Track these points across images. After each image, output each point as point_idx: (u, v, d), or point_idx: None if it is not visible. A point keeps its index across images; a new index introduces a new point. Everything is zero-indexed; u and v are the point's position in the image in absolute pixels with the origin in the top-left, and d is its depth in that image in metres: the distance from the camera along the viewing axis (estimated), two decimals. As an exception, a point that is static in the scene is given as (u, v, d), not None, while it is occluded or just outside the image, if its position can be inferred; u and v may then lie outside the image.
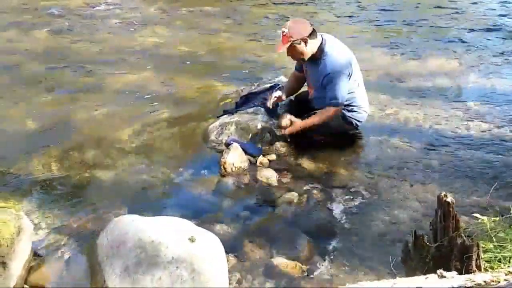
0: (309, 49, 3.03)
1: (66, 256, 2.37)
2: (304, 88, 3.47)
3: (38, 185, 2.98)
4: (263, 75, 4.46)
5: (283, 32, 2.98)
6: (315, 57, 3.07)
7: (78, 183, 3.01)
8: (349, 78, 3.07)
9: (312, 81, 3.26)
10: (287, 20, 3.13)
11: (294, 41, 2.96)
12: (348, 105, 3.20)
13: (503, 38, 5.32)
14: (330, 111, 3.13)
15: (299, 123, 3.20)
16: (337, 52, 3.07)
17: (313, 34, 3.01)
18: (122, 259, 2.01)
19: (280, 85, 3.63)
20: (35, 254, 2.35)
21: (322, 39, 3.07)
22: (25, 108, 3.99)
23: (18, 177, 3.05)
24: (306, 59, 3.09)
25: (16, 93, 4.30)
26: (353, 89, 3.16)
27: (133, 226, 2.15)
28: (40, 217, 2.64)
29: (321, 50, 3.05)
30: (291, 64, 3.50)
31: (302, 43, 2.98)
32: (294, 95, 3.55)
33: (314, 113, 3.20)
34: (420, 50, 5.12)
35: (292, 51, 3.05)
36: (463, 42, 5.28)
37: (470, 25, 5.80)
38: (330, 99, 3.09)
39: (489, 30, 5.58)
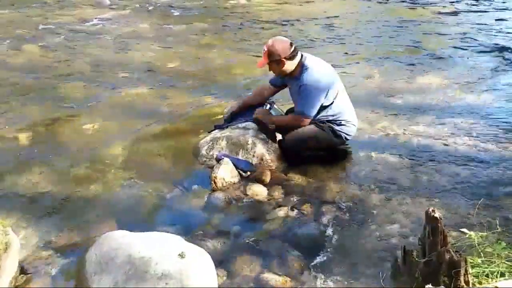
0: (288, 67, 3.16)
1: (53, 273, 2.34)
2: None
3: (26, 200, 2.95)
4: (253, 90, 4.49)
5: (264, 49, 3.16)
6: (295, 72, 3.18)
7: (67, 198, 2.98)
8: (326, 95, 3.15)
9: (293, 96, 3.35)
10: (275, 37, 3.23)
11: (272, 60, 3.13)
12: (336, 119, 3.27)
13: (490, 56, 5.44)
14: (299, 120, 3.26)
15: (273, 117, 3.37)
16: (317, 67, 3.19)
17: (293, 53, 3.13)
18: (111, 275, 1.99)
19: (272, 100, 3.66)
20: (22, 271, 2.32)
21: (302, 56, 3.20)
22: (14, 122, 3.97)
23: (6, 192, 3.03)
24: (285, 75, 3.24)
25: (6, 107, 4.28)
26: (337, 104, 3.25)
27: (122, 241, 2.14)
28: (28, 233, 2.61)
29: (301, 65, 3.17)
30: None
31: (281, 63, 3.13)
32: (286, 110, 3.59)
33: (288, 115, 3.43)
34: (409, 67, 5.22)
35: (272, 68, 3.22)
36: (452, 59, 5.39)
37: (458, 43, 5.92)
38: (299, 110, 3.24)
39: (477, 48, 5.70)
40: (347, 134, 3.33)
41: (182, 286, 1.93)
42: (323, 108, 3.23)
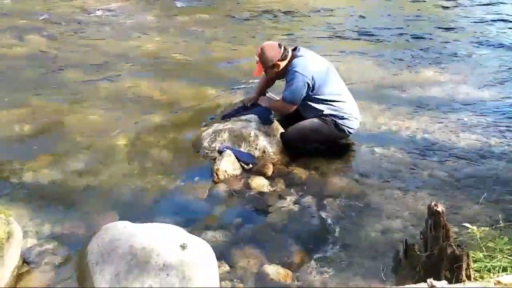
0: (281, 68, 3.24)
1: (55, 262, 2.35)
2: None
3: (29, 190, 2.95)
4: (256, 83, 4.47)
5: (256, 60, 3.24)
6: (288, 65, 3.23)
7: (69, 189, 2.99)
8: (314, 86, 3.18)
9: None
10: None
11: (267, 67, 3.22)
12: (338, 113, 3.26)
13: (494, 51, 5.40)
14: (281, 106, 3.35)
15: (268, 101, 3.48)
16: (308, 57, 3.26)
17: (284, 53, 3.21)
18: (112, 265, 2.00)
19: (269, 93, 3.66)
20: (25, 260, 2.32)
21: (296, 48, 3.28)
22: (17, 113, 3.97)
23: (8, 182, 3.03)
24: (280, 74, 3.30)
25: (8, 97, 4.28)
26: (339, 98, 3.27)
27: (124, 232, 2.14)
28: (30, 223, 2.62)
29: (292, 57, 3.23)
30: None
31: (275, 67, 3.22)
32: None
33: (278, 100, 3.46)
34: (413, 61, 5.19)
35: (268, 73, 3.32)
36: (456, 54, 5.36)
37: (462, 38, 5.88)
38: (283, 95, 3.28)
39: (481, 43, 5.67)
40: (349, 128, 3.32)
41: (184, 277, 1.94)
42: (323, 103, 3.23)
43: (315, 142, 3.40)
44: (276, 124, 3.48)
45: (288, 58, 3.23)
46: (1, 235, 2.15)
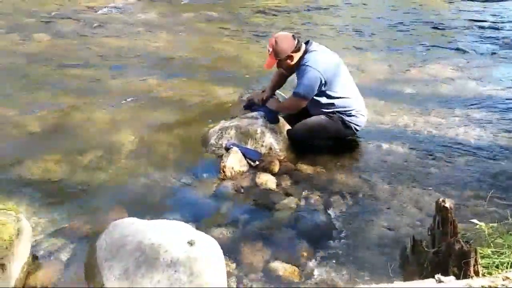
0: (296, 59, 3.18)
1: (64, 259, 2.37)
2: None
3: (37, 187, 2.98)
4: (263, 80, 4.48)
5: (268, 50, 3.17)
6: (299, 62, 3.19)
7: (77, 186, 3.01)
8: (326, 83, 3.14)
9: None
10: (282, 28, 3.21)
11: (280, 59, 3.16)
12: (346, 110, 3.25)
13: (503, 46, 5.35)
14: (294, 101, 3.29)
15: (276, 103, 3.44)
16: (321, 52, 3.21)
17: (298, 45, 3.16)
18: (121, 262, 2.02)
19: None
20: (34, 257, 2.35)
21: (308, 43, 3.22)
22: (25, 111, 4.00)
23: (18, 180, 3.06)
24: (292, 67, 3.24)
25: (17, 95, 4.32)
26: (346, 95, 3.24)
27: (132, 229, 2.16)
28: (39, 220, 2.65)
29: (305, 52, 3.19)
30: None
31: (290, 58, 3.16)
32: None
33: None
34: (419, 57, 5.16)
35: (281, 65, 3.25)
36: (463, 49, 5.32)
37: (470, 33, 5.84)
38: (296, 90, 3.23)
39: (489, 38, 5.62)
40: (356, 125, 3.31)
41: (191, 273, 1.95)
42: (332, 99, 3.22)
43: (322, 139, 3.39)
44: (282, 120, 3.48)
45: (302, 51, 3.18)
46: (11, 232, 2.17)
